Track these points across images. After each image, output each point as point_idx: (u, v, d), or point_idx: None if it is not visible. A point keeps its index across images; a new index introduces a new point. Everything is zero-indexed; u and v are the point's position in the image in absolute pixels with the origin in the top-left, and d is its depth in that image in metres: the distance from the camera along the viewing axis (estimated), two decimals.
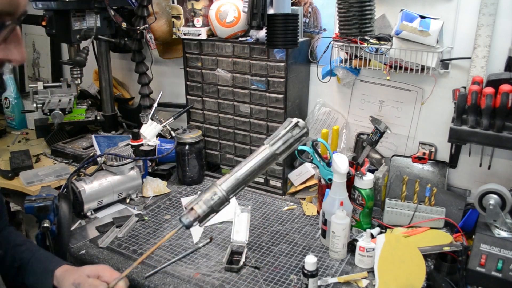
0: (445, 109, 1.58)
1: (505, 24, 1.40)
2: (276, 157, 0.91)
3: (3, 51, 0.65)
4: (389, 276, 1.21)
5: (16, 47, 0.66)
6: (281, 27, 1.48)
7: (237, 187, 0.88)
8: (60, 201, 1.43)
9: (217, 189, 0.86)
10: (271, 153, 0.90)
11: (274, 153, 0.90)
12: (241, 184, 0.88)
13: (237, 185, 0.87)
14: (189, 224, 0.87)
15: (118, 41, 2.05)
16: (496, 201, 1.24)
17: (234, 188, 0.87)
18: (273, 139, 0.90)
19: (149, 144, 1.79)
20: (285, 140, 0.91)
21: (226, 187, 0.86)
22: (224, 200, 0.87)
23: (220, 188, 0.86)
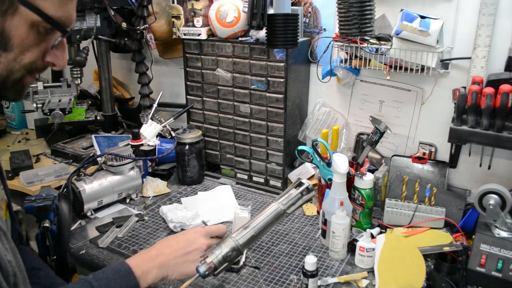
0: (445, 109, 1.58)
1: (505, 24, 1.40)
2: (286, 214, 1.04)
3: (52, 56, 0.77)
4: (389, 276, 1.21)
5: (62, 54, 0.78)
6: (281, 27, 1.48)
7: (251, 241, 1.00)
8: (60, 201, 1.43)
9: (235, 244, 0.97)
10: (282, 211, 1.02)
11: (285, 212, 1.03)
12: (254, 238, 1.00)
13: (252, 239, 0.99)
14: (205, 275, 0.95)
15: (118, 41, 2.05)
16: (496, 201, 1.24)
17: (249, 242, 1.00)
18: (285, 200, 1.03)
19: (149, 144, 1.79)
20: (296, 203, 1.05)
21: (242, 242, 0.98)
22: (239, 254, 0.98)
23: (237, 243, 0.97)
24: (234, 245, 0.95)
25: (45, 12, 0.70)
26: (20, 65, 0.74)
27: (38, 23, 0.71)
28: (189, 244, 0.99)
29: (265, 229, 0.99)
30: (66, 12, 0.73)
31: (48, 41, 0.75)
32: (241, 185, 1.85)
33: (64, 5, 0.73)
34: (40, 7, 0.69)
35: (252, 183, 1.84)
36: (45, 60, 0.77)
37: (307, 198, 1.03)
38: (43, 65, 0.77)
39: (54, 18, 0.71)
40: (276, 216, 1.00)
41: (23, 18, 0.69)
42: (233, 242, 0.95)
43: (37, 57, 0.75)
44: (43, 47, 0.75)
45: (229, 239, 0.95)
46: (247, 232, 0.97)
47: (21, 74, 0.75)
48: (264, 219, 0.98)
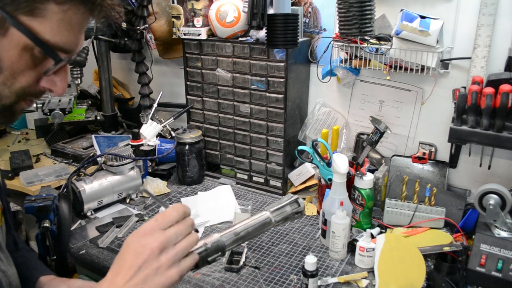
0: (445, 109, 1.58)
1: (505, 24, 1.40)
2: (273, 224, 0.98)
3: (49, 81, 0.69)
4: (389, 276, 1.21)
5: (61, 80, 0.71)
6: (281, 27, 1.48)
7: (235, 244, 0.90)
8: (60, 201, 1.43)
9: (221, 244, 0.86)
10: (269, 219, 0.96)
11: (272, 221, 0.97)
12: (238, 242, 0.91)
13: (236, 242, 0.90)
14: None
15: (118, 41, 2.05)
16: (496, 201, 1.24)
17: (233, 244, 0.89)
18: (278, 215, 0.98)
19: (149, 144, 1.79)
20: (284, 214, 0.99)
21: (228, 243, 0.88)
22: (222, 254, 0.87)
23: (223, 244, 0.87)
24: (220, 244, 0.85)
25: (40, 36, 0.63)
26: (11, 90, 0.67)
27: (31, 47, 0.64)
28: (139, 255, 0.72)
29: (252, 234, 0.93)
30: (66, 37, 0.66)
31: (44, 66, 0.68)
32: (241, 185, 1.85)
33: (64, 30, 0.65)
34: (35, 30, 0.62)
35: (252, 183, 1.84)
36: (40, 85, 0.69)
37: (295, 210, 1.01)
38: (38, 91, 0.70)
39: (50, 43, 0.64)
40: (264, 225, 0.95)
41: (15, 40, 0.63)
42: (220, 241, 0.85)
43: (30, 82, 0.68)
44: (38, 71, 0.68)
45: (217, 236, 0.86)
46: (235, 235, 0.89)
47: (11, 100, 0.68)
48: (253, 225, 0.93)
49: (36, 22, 0.62)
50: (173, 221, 0.75)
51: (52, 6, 0.62)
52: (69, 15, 0.64)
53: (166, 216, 0.75)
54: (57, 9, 0.62)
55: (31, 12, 0.61)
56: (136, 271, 0.71)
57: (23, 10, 0.61)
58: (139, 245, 0.72)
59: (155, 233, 0.72)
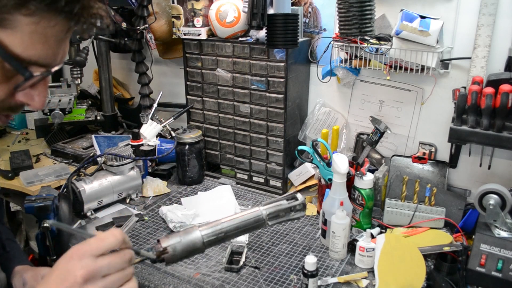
0: (445, 109, 1.58)
1: (505, 24, 1.40)
2: (266, 222, 0.85)
3: (25, 96, 0.64)
4: (389, 276, 1.21)
5: (39, 95, 0.65)
6: (281, 27, 1.48)
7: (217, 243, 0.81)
8: (60, 201, 1.43)
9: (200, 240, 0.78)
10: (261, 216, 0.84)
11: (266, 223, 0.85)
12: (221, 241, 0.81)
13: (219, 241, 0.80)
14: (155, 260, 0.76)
15: (118, 41, 2.05)
16: (496, 201, 1.24)
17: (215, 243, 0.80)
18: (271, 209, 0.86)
19: (149, 144, 1.79)
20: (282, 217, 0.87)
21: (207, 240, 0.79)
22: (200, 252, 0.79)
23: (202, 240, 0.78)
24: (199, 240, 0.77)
25: (9, 50, 0.57)
26: None
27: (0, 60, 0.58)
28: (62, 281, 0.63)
29: (238, 233, 0.83)
30: (41, 51, 0.59)
31: (17, 80, 0.61)
32: (241, 185, 1.85)
33: (38, 44, 0.58)
34: (4, 43, 0.56)
35: (252, 183, 1.84)
36: (16, 99, 0.63)
37: (295, 216, 0.87)
38: (14, 105, 0.64)
39: (22, 57, 0.58)
40: (254, 224, 0.84)
41: None
42: (200, 236, 0.77)
43: (2, 96, 0.62)
44: (11, 85, 0.61)
45: (196, 231, 0.78)
46: (216, 231, 0.80)
47: None
48: (240, 222, 0.82)
49: (5, 34, 0.56)
50: (108, 248, 0.66)
51: (21, 18, 0.56)
52: (42, 26, 0.57)
53: (101, 240, 0.66)
54: (27, 20, 0.56)
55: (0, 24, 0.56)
56: None
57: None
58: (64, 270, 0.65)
59: (84, 259, 0.64)
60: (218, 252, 1.37)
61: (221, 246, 1.40)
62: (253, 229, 0.85)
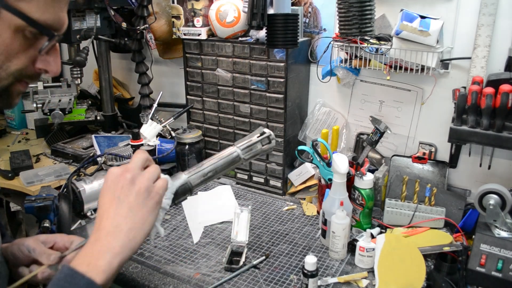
0: (445, 109, 1.58)
1: (505, 24, 1.40)
2: (242, 162, 0.98)
3: (43, 62, 0.72)
4: (389, 276, 1.21)
5: (54, 59, 0.73)
6: (281, 27, 1.48)
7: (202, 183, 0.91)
8: (60, 201, 1.43)
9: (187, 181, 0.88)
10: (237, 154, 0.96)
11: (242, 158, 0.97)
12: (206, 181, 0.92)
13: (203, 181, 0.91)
14: None
15: (118, 41, 2.05)
16: (496, 201, 1.24)
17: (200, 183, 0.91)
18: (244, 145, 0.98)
19: (149, 144, 1.79)
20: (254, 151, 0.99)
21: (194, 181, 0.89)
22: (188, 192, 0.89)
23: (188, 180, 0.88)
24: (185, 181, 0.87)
25: (29, 16, 0.65)
26: (7, 73, 0.69)
27: (23, 28, 0.66)
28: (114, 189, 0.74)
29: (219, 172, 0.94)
30: (53, 15, 0.68)
31: (37, 47, 0.70)
32: (241, 185, 1.85)
33: (50, 8, 0.67)
34: (24, 11, 0.64)
35: (252, 183, 1.84)
36: (35, 67, 0.72)
37: (267, 148, 0.99)
38: (34, 72, 0.72)
39: (40, 21, 0.66)
40: (232, 162, 0.96)
41: (6, 23, 0.65)
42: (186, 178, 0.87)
43: (25, 63, 0.70)
44: (32, 53, 0.70)
45: (182, 175, 0.88)
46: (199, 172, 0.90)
47: (9, 82, 0.70)
48: (219, 161, 0.93)
49: (23, 3, 0.64)
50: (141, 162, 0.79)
51: None
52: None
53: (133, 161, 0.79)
54: None
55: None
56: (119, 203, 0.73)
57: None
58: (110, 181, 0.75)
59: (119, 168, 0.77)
60: (218, 252, 1.37)
61: (221, 246, 1.40)
62: (232, 165, 0.97)
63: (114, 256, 0.69)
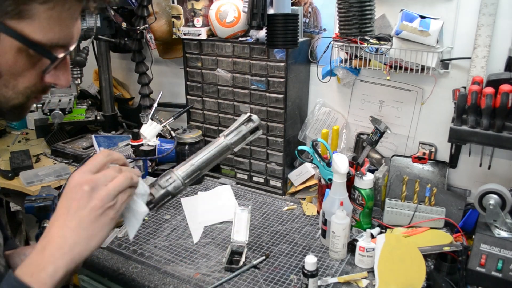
0: (445, 109, 1.58)
1: (505, 24, 1.40)
2: (230, 147, 0.98)
3: (52, 76, 0.70)
4: (389, 276, 1.21)
5: (63, 74, 0.72)
6: (281, 27, 1.48)
7: (192, 175, 0.92)
8: None
9: (173, 174, 0.89)
10: (225, 144, 0.98)
11: (228, 144, 0.98)
12: (196, 170, 0.93)
13: (193, 173, 0.92)
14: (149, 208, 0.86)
15: (118, 41, 2.05)
16: (496, 201, 1.24)
17: (190, 176, 0.92)
18: (228, 132, 0.99)
19: (149, 144, 1.79)
20: (238, 132, 0.99)
21: (184, 175, 0.90)
22: (180, 185, 0.90)
23: (178, 176, 0.90)
24: (171, 174, 0.88)
25: (31, 38, 0.63)
26: (15, 92, 0.67)
27: (25, 49, 0.64)
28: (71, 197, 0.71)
29: (208, 164, 0.95)
30: (59, 33, 0.65)
31: (43, 63, 0.68)
32: (241, 185, 1.85)
33: (55, 26, 0.64)
34: (25, 33, 0.62)
35: (252, 183, 1.84)
36: (44, 82, 0.70)
37: (254, 136, 0.99)
38: (44, 87, 0.71)
39: (43, 42, 0.64)
40: (222, 152, 0.97)
41: (7, 45, 0.63)
42: (175, 175, 0.88)
43: (33, 81, 0.68)
44: (38, 69, 0.68)
45: (171, 172, 0.89)
46: (190, 166, 0.91)
47: (19, 101, 0.69)
48: (208, 153, 0.95)
49: (25, 24, 0.62)
50: (100, 164, 0.74)
51: (37, 6, 0.61)
52: (57, 11, 0.63)
53: (93, 159, 0.75)
54: (43, 8, 0.62)
55: (18, 15, 0.61)
56: (70, 214, 0.70)
57: (10, 14, 0.61)
58: (69, 189, 0.72)
59: (83, 174, 0.72)
60: (218, 252, 1.37)
61: (221, 246, 1.40)
62: (221, 156, 0.98)
63: (56, 270, 0.68)
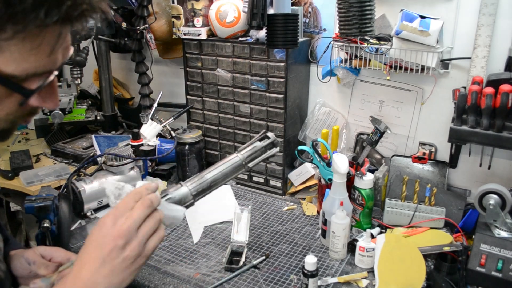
0: (445, 109, 1.58)
1: (505, 24, 1.40)
2: (245, 165, 0.95)
3: (38, 100, 0.65)
4: (389, 276, 1.21)
5: (50, 97, 0.66)
6: (281, 27, 1.48)
7: (205, 192, 0.89)
8: (60, 201, 1.43)
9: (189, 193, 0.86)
10: (240, 161, 0.94)
11: (245, 165, 0.95)
12: (209, 189, 0.90)
13: (206, 190, 0.89)
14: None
15: (118, 41, 2.05)
16: (496, 201, 1.24)
17: (203, 192, 0.89)
18: (247, 152, 0.96)
19: (149, 144, 1.79)
20: (253, 147, 0.96)
21: (196, 191, 0.87)
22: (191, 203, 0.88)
23: (191, 192, 0.87)
24: (187, 193, 0.86)
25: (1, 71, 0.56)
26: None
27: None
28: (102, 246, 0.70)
29: (221, 181, 0.92)
30: (36, 62, 0.58)
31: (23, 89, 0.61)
32: (241, 185, 1.85)
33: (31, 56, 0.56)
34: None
35: (252, 183, 1.84)
36: (29, 105, 0.64)
37: (270, 154, 0.96)
38: (31, 110, 0.66)
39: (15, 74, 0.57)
40: (235, 169, 0.94)
41: None
42: (187, 190, 0.86)
43: (13, 108, 0.62)
44: (16, 99, 0.61)
45: (184, 187, 0.86)
46: (202, 182, 0.88)
47: (2, 126, 0.64)
48: (221, 171, 0.91)
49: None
50: (132, 206, 0.74)
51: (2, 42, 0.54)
52: (29, 41, 0.55)
53: (124, 202, 0.75)
54: (10, 42, 0.54)
55: None
56: (102, 263, 0.70)
57: None
58: (100, 236, 0.71)
59: (116, 222, 0.72)
60: (218, 252, 1.37)
61: (221, 246, 1.40)
62: (234, 174, 0.95)
63: None
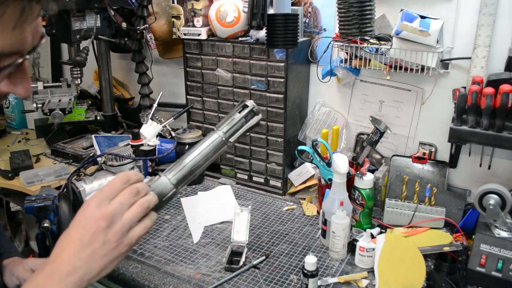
0: (445, 109, 1.58)
1: (505, 24, 1.40)
2: (226, 142, 0.85)
3: (7, 85, 0.62)
4: (389, 276, 1.21)
5: (21, 83, 0.63)
6: (281, 27, 1.48)
7: (186, 178, 0.83)
8: (60, 201, 1.43)
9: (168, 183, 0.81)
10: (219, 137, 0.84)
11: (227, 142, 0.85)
12: (190, 175, 0.84)
13: (187, 176, 0.83)
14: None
15: (118, 41, 2.05)
16: (496, 201, 1.24)
17: (184, 179, 0.83)
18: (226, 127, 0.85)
19: (149, 144, 1.79)
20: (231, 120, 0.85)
21: (176, 180, 0.82)
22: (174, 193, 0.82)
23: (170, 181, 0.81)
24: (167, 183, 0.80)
25: None
26: None
27: None
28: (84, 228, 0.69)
29: (203, 163, 0.84)
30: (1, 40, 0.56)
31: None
32: (241, 185, 1.85)
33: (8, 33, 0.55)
34: None
35: (252, 183, 1.84)
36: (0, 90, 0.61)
37: (252, 123, 0.86)
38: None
39: None
40: (216, 148, 0.84)
41: None
42: (167, 180, 0.80)
43: None
44: None
45: (163, 177, 0.81)
46: (181, 169, 0.82)
47: None
48: (200, 152, 0.83)
49: None
50: (118, 190, 0.72)
51: None
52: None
53: (111, 185, 0.72)
54: None
55: None
56: (83, 246, 0.68)
57: None
58: (83, 217, 0.70)
59: (100, 205, 0.70)
60: (218, 252, 1.37)
61: (221, 246, 1.40)
62: (216, 153, 0.85)
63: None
